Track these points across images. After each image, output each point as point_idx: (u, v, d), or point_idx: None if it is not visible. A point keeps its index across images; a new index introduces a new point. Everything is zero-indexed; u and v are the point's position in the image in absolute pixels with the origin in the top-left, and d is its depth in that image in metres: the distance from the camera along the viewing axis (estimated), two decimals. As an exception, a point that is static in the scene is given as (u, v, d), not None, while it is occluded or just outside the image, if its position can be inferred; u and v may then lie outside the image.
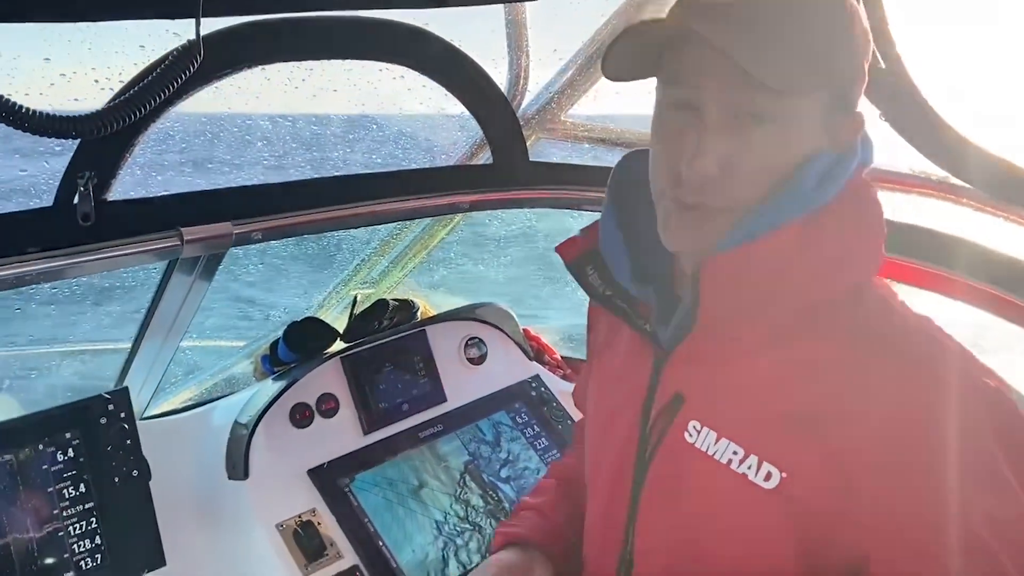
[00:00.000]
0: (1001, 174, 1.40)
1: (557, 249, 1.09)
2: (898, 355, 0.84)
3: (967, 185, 1.47)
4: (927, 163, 1.48)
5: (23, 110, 1.08)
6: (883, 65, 1.45)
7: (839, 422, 0.83)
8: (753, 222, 0.86)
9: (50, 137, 1.13)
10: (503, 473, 2.03)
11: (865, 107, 0.93)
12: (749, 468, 0.87)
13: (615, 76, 0.95)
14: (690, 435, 0.94)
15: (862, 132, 0.92)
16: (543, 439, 2.14)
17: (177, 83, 1.21)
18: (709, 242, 0.90)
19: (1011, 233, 1.44)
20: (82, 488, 1.57)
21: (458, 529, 1.86)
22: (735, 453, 0.89)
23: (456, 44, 1.71)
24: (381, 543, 1.76)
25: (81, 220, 1.35)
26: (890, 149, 1.48)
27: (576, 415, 2.20)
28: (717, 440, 0.91)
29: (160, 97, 1.20)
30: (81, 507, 1.56)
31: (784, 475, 0.85)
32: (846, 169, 0.89)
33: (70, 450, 1.57)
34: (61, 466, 1.55)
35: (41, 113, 1.10)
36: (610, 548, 1.04)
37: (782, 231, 0.85)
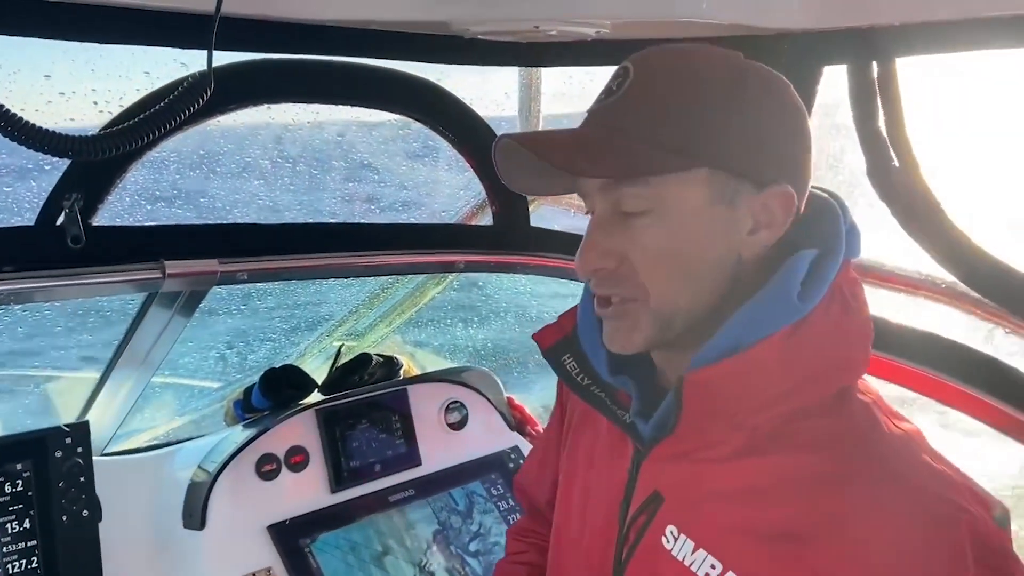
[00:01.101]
0: (1012, 284, 1.37)
1: (534, 336, 1.07)
2: (881, 475, 0.80)
3: (973, 292, 1.44)
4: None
5: (21, 122, 1.04)
6: (896, 165, 1.44)
7: (818, 541, 0.79)
8: (735, 331, 0.84)
9: (45, 153, 1.09)
10: (472, 547, 1.94)
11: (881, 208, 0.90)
12: None
13: (526, 191, 1.02)
14: (667, 540, 0.90)
15: (793, 206, 0.87)
16: (517, 514, 2.06)
17: (186, 114, 1.17)
18: (631, 339, 0.89)
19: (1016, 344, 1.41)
20: (27, 524, 1.48)
21: (420, 602, 1.77)
22: (712, 567, 0.85)
23: (467, 103, 1.69)
24: (337, 611, 1.67)
25: (71, 242, 1.30)
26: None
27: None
28: (694, 550, 0.87)
29: (168, 127, 1.17)
30: (24, 544, 1.47)
31: None
32: (831, 267, 0.86)
33: (19, 482, 1.48)
34: (7, 498, 1.47)
35: (39, 128, 1.06)
36: None
37: (768, 342, 0.82)
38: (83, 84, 1.29)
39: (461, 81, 1.69)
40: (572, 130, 0.90)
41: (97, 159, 1.12)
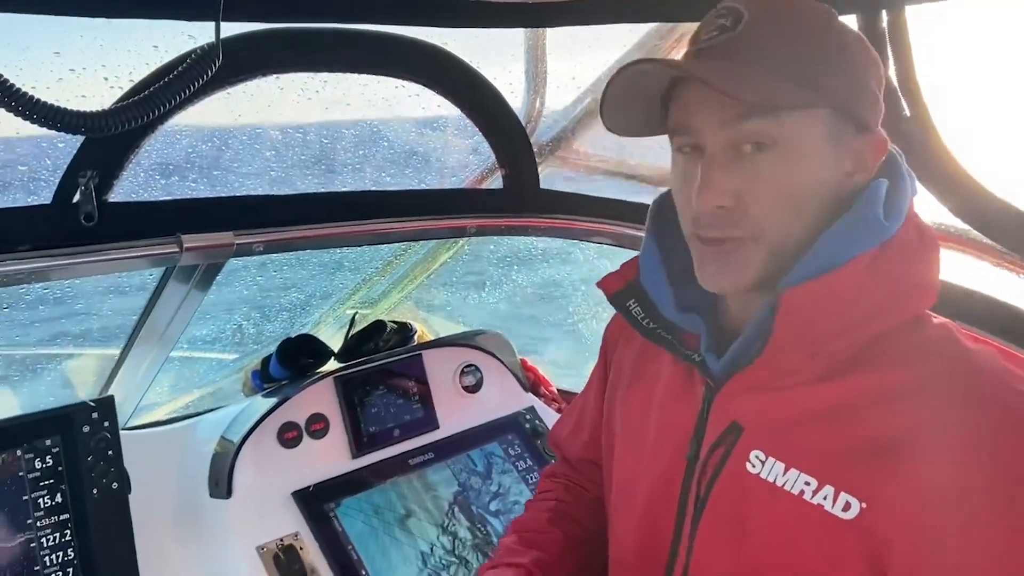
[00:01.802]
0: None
1: (599, 284, 1.10)
2: (969, 381, 0.82)
3: (987, 240, 1.44)
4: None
5: (33, 100, 1.05)
6: (908, 113, 1.43)
7: (915, 450, 0.80)
8: (825, 253, 0.86)
9: (58, 130, 1.09)
10: (492, 506, 1.97)
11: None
12: (825, 499, 0.84)
13: (622, 130, 1.01)
14: (753, 465, 0.91)
15: (887, 153, 0.92)
16: (535, 473, 2.09)
17: (195, 86, 1.17)
18: (742, 278, 0.90)
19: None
20: (59, 498, 1.50)
21: (444, 562, 1.80)
22: (807, 484, 0.85)
23: (475, 66, 1.68)
24: (364, 572, 1.70)
25: (84, 220, 1.31)
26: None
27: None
28: (786, 471, 0.87)
29: (177, 99, 1.17)
30: (56, 518, 1.50)
31: (864, 505, 0.81)
32: (904, 199, 0.89)
33: (49, 458, 1.50)
34: (38, 474, 1.49)
35: (51, 105, 1.07)
36: None
37: (857, 261, 0.84)
38: (93, 60, 1.29)
39: (465, 45, 1.68)
40: (702, 60, 0.90)
41: (109, 134, 1.13)
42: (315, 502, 1.79)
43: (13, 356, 2.32)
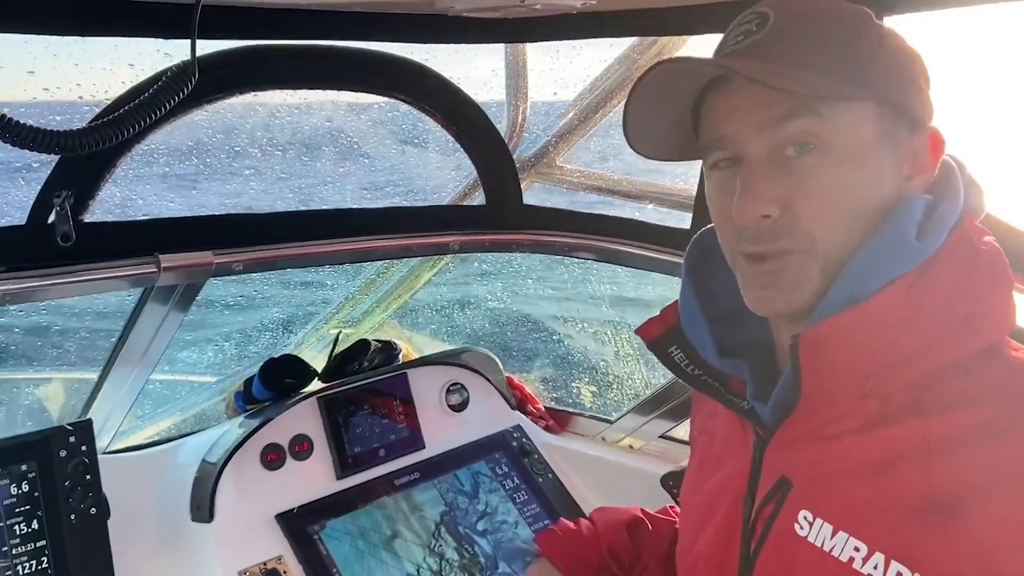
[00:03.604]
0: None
1: (637, 331, 1.02)
2: None
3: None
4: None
5: (5, 120, 1.03)
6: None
7: (978, 501, 0.72)
8: (851, 282, 0.79)
9: (31, 150, 1.08)
10: (480, 526, 1.95)
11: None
12: (875, 568, 0.76)
13: (649, 148, 0.94)
14: (801, 527, 0.83)
15: (943, 151, 0.84)
16: (523, 492, 2.07)
17: (170, 104, 1.16)
18: (794, 298, 0.82)
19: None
20: (35, 525, 1.47)
21: (431, 584, 1.77)
22: (856, 550, 0.78)
23: (455, 82, 1.68)
24: (349, 596, 1.68)
25: (60, 240, 1.29)
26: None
27: (559, 468, 2.14)
28: (834, 534, 0.80)
29: (152, 118, 1.15)
30: (32, 545, 1.47)
31: (917, 575, 0.74)
32: (950, 214, 0.80)
33: (25, 483, 1.47)
34: (14, 500, 1.46)
35: (25, 125, 1.05)
36: None
37: (889, 290, 0.77)
38: (67, 79, 1.28)
39: (447, 62, 1.68)
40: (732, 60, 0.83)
41: (84, 153, 1.11)
42: (299, 524, 1.76)
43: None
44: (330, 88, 1.55)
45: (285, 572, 1.66)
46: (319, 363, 2.05)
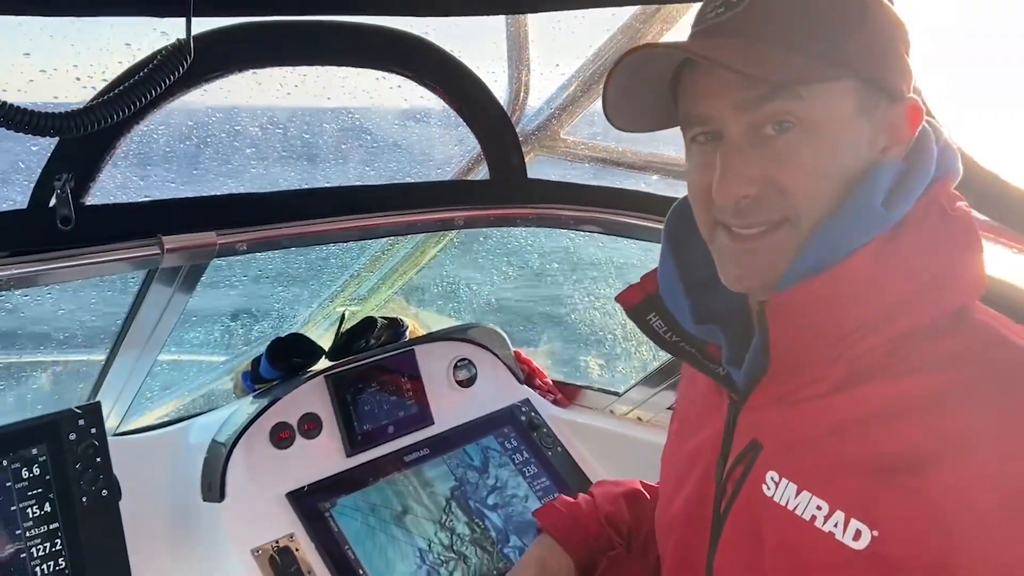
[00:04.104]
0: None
1: (617, 298, 1.04)
2: (1010, 382, 0.75)
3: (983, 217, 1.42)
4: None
5: (2, 104, 1.02)
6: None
7: (938, 465, 0.74)
8: (817, 250, 0.80)
9: (28, 133, 1.07)
10: (490, 500, 1.96)
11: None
12: (836, 526, 0.79)
13: (628, 125, 0.95)
14: (768, 487, 0.86)
15: (921, 120, 0.84)
16: (532, 465, 2.07)
17: (166, 83, 1.14)
18: (770, 274, 0.84)
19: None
20: (47, 508, 1.48)
21: (442, 558, 1.78)
22: (819, 508, 0.80)
23: (456, 55, 1.66)
24: (362, 572, 1.69)
25: (60, 223, 1.28)
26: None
27: (568, 441, 2.15)
28: (798, 493, 0.83)
29: (147, 97, 1.14)
30: (45, 528, 1.48)
31: (875, 533, 0.76)
32: (919, 180, 0.82)
33: (36, 467, 1.48)
34: (26, 483, 1.47)
35: (20, 108, 1.04)
36: None
37: (854, 257, 0.78)
38: (64, 61, 1.26)
39: (446, 35, 1.66)
40: (710, 39, 0.84)
41: (81, 134, 1.10)
42: (310, 502, 1.77)
43: (-2, 364, 2.30)
44: (329, 64, 1.52)
45: (297, 550, 1.67)
46: (326, 341, 2.05)
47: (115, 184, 1.39)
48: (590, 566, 1.18)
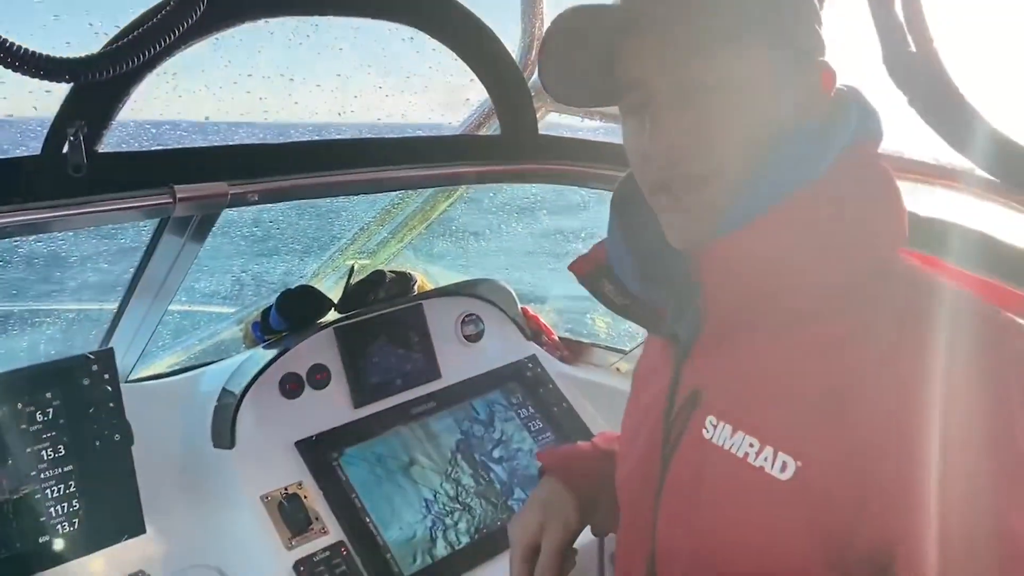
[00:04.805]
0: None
1: (570, 267, 1.10)
2: (928, 321, 0.80)
3: (993, 179, 1.42)
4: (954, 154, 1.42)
5: (14, 48, 1.02)
6: (913, 49, 1.39)
7: (856, 400, 0.78)
8: (743, 205, 0.86)
9: (41, 79, 1.07)
10: (495, 453, 1.99)
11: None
12: (765, 460, 0.83)
13: (568, 99, 1.00)
14: (707, 431, 0.91)
15: (834, 80, 0.90)
16: (537, 420, 2.10)
17: (180, 29, 1.14)
18: (707, 224, 0.88)
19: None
20: (61, 450, 1.51)
21: (447, 508, 1.82)
22: (751, 446, 0.85)
23: (467, 6, 1.64)
24: (368, 519, 1.72)
25: (72, 171, 1.28)
26: (919, 138, 1.43)
27: (573, 398, 2.17)
28: (733, 433, 0.87)
29: (163, 43, 1.14)
30: (59, 470, 1.51)
31: (799, 464, 0.80)
32: (836, 139, 0.87)
33: (50, 410, 1.51)
34: (40, 426, 1.50)
35: (34, 52, 1.04)
36: (637, 551, 1.01)
37: (774, 212, 0.84)
38: (77, 5, 1.25)
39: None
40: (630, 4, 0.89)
41: (95, 81, 1.10)
42: (318, 451, 1.80)
43: (11, 311, 2.32)
44: (342, 14, 1.51)
45: (306, 497, 1.70)
46: (335, 294, 2.06)
47: (128, 132, 1.39)
48: (592, 505, 1.21)
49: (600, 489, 1.22)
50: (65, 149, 1.29)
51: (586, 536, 1.23)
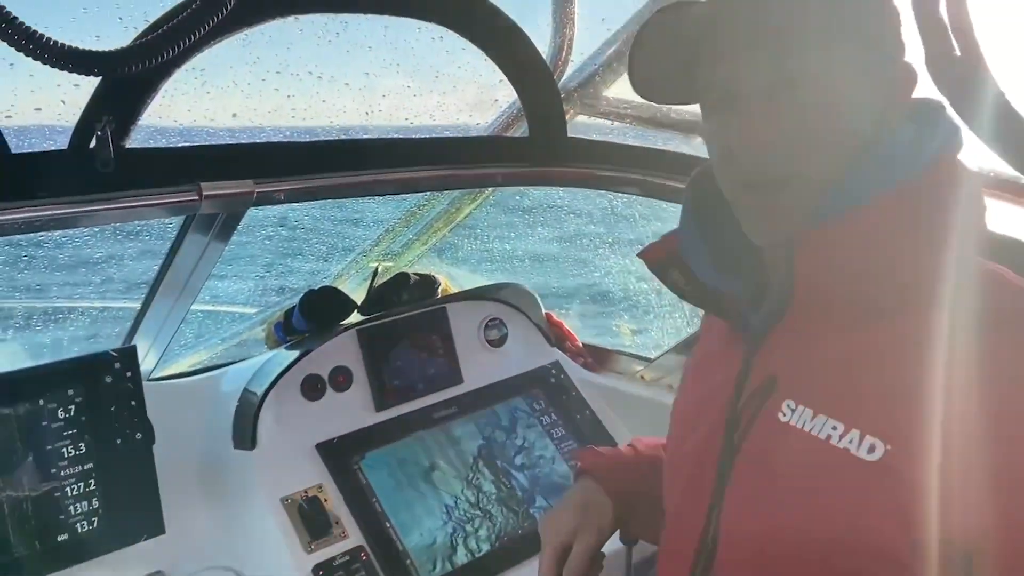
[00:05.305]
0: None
1: (639, 254, 1.10)
2: (1010, 321, 0.81)
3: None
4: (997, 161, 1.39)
5: (45, 40, 1.01)
6: (958, 53, 1.36)
7: (948, 394, 0.79)
8: (841, 197, 0.86)
9: (71, 72, 1.06)
10: (517, 460, 1.96)
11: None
12: (850, 442, 0.83)
13: (651, 95, 1.04)
14: (784, 414, 0.91)
15: (915, 83, 0.91)
16: (560, 428, 2.07)
17: (209, 25, 1.12)
18: (790, 223, 0.90)
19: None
20: (82, 448, 1.50)
21: (468, 515, 1.79)
22: (834, 428, 0.85)
23: (499, 7, 1.62)
24: (388, 524, 1.70)
25: (100, 166, 1.27)
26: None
27: (597, 406, 2.14)
28: (814, 416, 0.88)
29: (191, 39, 1.12)
30: (80, 467, 1.50)
31: (889, 447, 0.81)
32: (928, 144, 0.88)
33: (72, 407, 1.50)
34: (62, 424, 1.49)
35: (64, 45, 1.03)
36: (688, 535, 1.00)
37: (873, 205, 0.84)
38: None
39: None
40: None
41: (124, 75, 1.09)
42: (339, 454, 1.78)
43: (35, 307, 2.32)
44: (372, 12, 1.49)
45: (326, 500, 1.68)
46: (358, 296, 2.05)
47: (155, 128, 1.38)
48: (628, 512, 1.21)
49: (638, 497, 1.20)
50: (92, 144, 1.28)
51: (613, 542, 1.20)
